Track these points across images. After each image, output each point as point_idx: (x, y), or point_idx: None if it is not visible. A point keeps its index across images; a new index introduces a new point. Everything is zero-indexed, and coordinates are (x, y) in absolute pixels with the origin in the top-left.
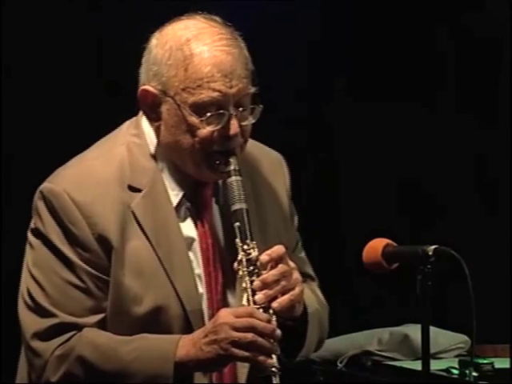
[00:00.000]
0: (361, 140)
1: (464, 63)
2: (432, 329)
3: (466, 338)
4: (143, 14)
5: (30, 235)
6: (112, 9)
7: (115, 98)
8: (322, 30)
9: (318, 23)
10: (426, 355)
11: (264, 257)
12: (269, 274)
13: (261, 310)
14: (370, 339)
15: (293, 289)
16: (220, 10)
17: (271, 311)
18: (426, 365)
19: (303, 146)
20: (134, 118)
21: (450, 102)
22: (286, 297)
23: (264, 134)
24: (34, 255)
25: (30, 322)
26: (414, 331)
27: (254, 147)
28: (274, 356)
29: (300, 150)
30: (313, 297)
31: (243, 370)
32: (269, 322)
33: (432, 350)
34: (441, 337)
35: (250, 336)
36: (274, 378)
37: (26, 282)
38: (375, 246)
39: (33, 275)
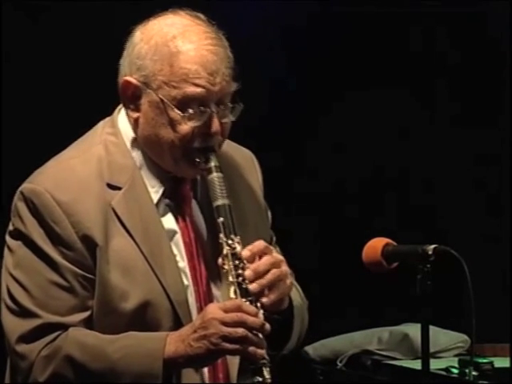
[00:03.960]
0: (361, 140)
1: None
2: (432, 328)
3: (465, 337)
4: (144, 12)
5: (8, 238)
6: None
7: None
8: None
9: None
10: (425, 354)
11: (245, 252)
12: (260, 263)
13: (247, 303)
14: (369, 338)
15: (283, 280)
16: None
17: (258, 304)
18: (425, 364)
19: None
20: (109, 118)
21: (452, 108)
22: (276, 290)
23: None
24: (15, 257)
25: (13, 326)
26: (413, 330)
27: (225, 144)
28: (263, 347)
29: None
30: (295, 290)
31: (234, 360)
32: (257, 315)
33: (432, 350)
34: (440, 336)
35: (240, 331)
36: (264, 369)
37: (6, 286)
38: (375, 246)
39: (15, 277)
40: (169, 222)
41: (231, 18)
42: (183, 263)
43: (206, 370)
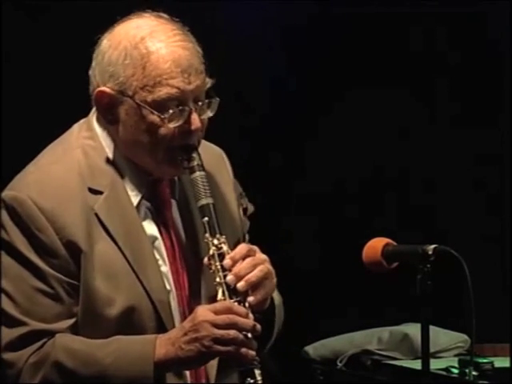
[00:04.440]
0: (361, 140)
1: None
2: (432, 328)
3: (465, 337)
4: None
5: None
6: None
7: None
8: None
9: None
10: (425, 354)
11: (227, 261)
12: (241, 267)
13: (237, 305)
14: (369, 338)
15: (268, 279)
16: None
17: (247, 305)
18: (425, 364)
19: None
20: (84, 120)
21: (452, 106)
22: (262, 290)
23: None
24: None
25: (0, 334)
26: (413, 330)
27: None
28: (254, 348)
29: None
30: None
31: (213, 362)
32: (247, 316)
33: (432, 349)
34: (440, 336)
35: (232, 333)
36: (255, 371)
37: None
38: (375, 246)
39: None
40: (150, 226)
41: (231, 18)
42: (165, 267)
43: (188, 374)
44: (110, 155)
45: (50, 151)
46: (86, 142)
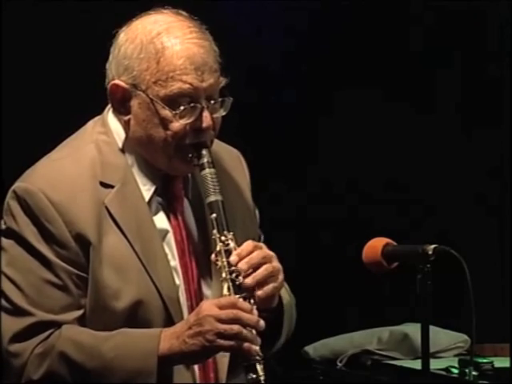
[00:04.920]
0: (361, 139)
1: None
2: (432, 328)
3: (465, 337)
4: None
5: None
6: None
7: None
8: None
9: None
10: (425, 354)
11: (234, 258)
12: (251, 256)
13: (242, 300)
14: (369, 338)
15: (275, 276)
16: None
17: (252, 301)
18: (425, 364)
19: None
20: (99, 117)
21: (449, 104)
22: (270, 285)
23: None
24: (8, 256)
25: (7, 324)
26: (413, 330)
27: (213, 144)
28: (257, 344)
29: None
30: (283, 288)
31: (224, 359)
32: (251, 312)
33: (432, 349)
34: (440, 336)
35: (235, 328)
36: (258, 366)
37: None
38: (375, 246)
39: (8, 276)
40: (161, 220)
41: (232, 18)
42: (174, 262)
43: (196, 369)
44: (123, 150)
45: (63, 146)
46: (100, 137)
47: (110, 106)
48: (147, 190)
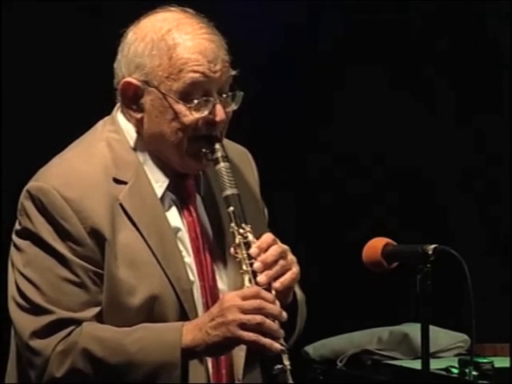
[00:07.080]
0: (361, 139)
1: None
2: (432, 328)
3: (465, 337)
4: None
5: (15, 237)
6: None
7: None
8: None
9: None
10: (425, 354)
11: (254, 250)
12: (268, 254)
13: (264, 290)
14: (369, 338)
15: (291, 269)
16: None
17: (273, 292)
18: (425, 364)
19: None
20: (108, 117)
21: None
22: (288, 275)
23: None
24: (24, 256)
25: (25, 322)
26: (413, 330)
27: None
28: (280, 337)
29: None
30: (296, 285)
31: (240, 353)
32: (274, 302)
33: (432, 349)
34: (440, 336)
35: (258, 318)
36: (283, 356)
37: (15, 285)
38: (375, 245)
39: (25, 276)
40: (174, 217)
41: (232, 18)
42: (189, 258)
43: (210, 365)
44: (135, 148)
45: (74, 145)
46: (111, 135)
47: (118, 105)
48: (159, 186)
